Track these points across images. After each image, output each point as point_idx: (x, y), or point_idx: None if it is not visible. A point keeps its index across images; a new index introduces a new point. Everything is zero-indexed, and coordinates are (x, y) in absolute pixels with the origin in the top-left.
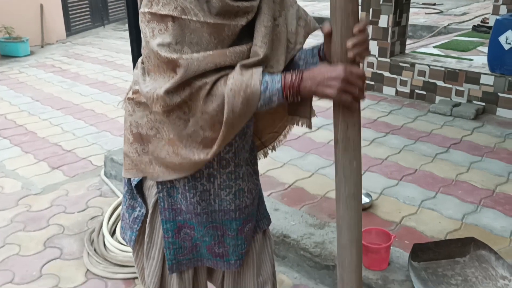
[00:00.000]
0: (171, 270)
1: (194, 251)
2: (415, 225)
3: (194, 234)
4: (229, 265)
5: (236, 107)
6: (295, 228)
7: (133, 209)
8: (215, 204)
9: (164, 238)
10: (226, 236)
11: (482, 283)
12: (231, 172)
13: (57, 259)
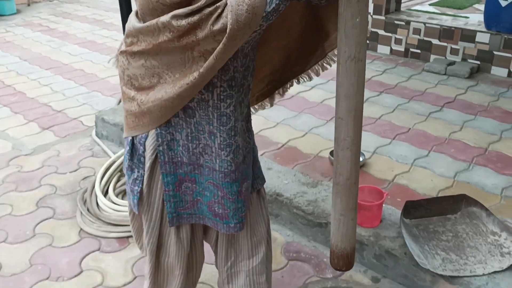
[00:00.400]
0: (171, 223)
1: (195, 206)
2: (408, 183)
3: (195, 187)
4: (229, 228)
5: (241, 16)
6: (288, 186)
7: (132, 171)
8: (215, 163)
9: (165, 191)
10: (227, 199)
11: (473, 239)
12: (231, 128)
13: (50, 218)
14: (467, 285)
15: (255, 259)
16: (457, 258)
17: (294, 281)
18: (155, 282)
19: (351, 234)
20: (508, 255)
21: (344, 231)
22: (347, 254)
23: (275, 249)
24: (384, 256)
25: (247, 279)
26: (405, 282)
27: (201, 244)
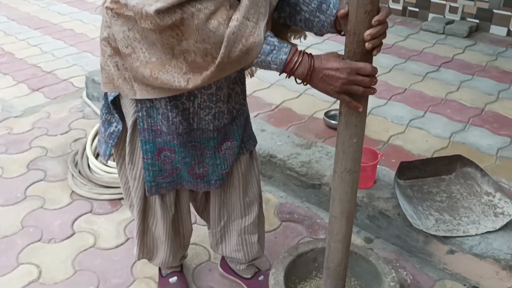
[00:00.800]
0: (149, 192)
1: (174, 174)
2: (403, 144)
3: (175, 157)
4: (209, 185)
5: (233, 53)
6: (281, 148)
7: (109, 124)
8: (193, 122)
9: (143, 159)
10: (205, 155)
11: (467, 199)
12: (212, 94)
13: (41, 181)
14: (459, 245)
15: (247, 218)
16: (450, 219)
17: (287, 242)
18: (143, 245)
19: None
20: (501, 215)
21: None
22: None
23: (268, 211)
24: (378, 217)
25: (239, 238)
26: (398, 243)
27: (187, 210)
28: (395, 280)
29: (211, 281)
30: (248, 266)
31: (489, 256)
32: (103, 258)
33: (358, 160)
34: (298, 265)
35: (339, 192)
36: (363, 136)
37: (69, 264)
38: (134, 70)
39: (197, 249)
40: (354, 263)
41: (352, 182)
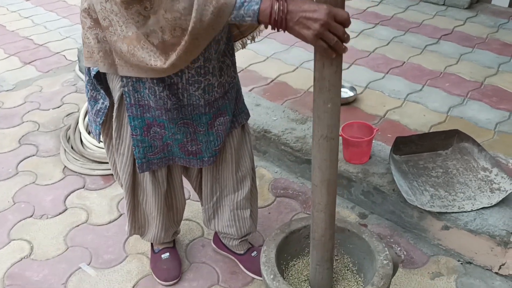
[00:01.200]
0: (140, 169)
1: (165, 150)
2: (399, 118)
3: (164, 132)
4: (202, 162)
5: (205, 16)
6: (276, 123)
7: (96, 101)
8: (183, 98)
9: (132, 135)
10: (198, 132)
11: (463, 175)
12: (200, 67)
13: (33, 156)
14: (454, 221)
15: (240, 193)
16: (445, 194)
17: (280, 217)
18: (135, 221)
19: (326, 282)
20: (497, 191)
21: (319, 279)
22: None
23: (263, 186)
24: (372, 193)
25: (232, 213)
26: (393, 218)
27: (180, 184)
28: (388, 258)
29: (204, 257)
30: (240, 242)
31: (484, 232)
32: (95, 234)
33: (335, 127)
34: (291, 242)
35: (318, 160)
36: (338, 101)
37: (61, 240)
38: (113, 45)
39: (190, 225)
40: (347, 240)
41: (330, 149)
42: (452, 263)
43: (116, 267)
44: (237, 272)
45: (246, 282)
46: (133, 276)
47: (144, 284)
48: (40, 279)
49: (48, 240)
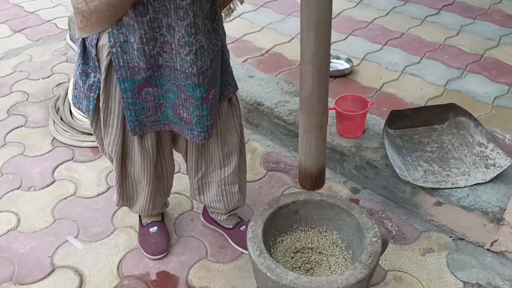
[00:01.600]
0: (133, 131)
1: (158, 112)
2: (396, 91)
3: (157, 91)
4: (193, 135)
5: None
6: (269, 95)
7: (87, 76)
8: (176, 62)
9: (123, 99)
10: (190, 103)
11: (458, 150)
12: (190, 25)
13: (22, 127)
14: (447, 197)
15: (227, 169)
16: (439, 170)
17: (272, 191)
18: (123, 192)
19: (314, 154)
20: (492, 167)
21: (307, 149)
22: (311, 174)
23: (254, 160)
24: (365, 167)
25: (219, 189)
26: (385, 194)
27: (169, 153)
28: (377, 235)
29: (192, 231)
30: (229, 216)
31: (477, 208)
32: (83, 206)
33: None
34: (279, 217)
35: None
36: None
37: (49, 213)
38: None
39: (180, 199)
40: (336, 216)
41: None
42: (443, 239)
43: (104, 240)
44: (226, 246)
45: (234, 256)
46: (121, 249)
47: (131, 258)
48: (27, 251)
49: (35, 212)
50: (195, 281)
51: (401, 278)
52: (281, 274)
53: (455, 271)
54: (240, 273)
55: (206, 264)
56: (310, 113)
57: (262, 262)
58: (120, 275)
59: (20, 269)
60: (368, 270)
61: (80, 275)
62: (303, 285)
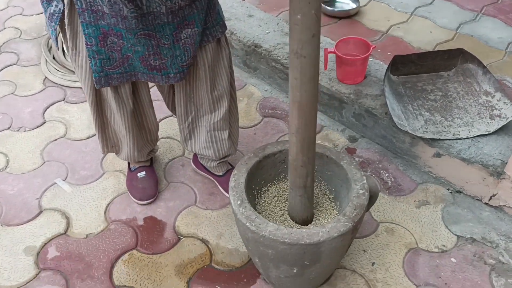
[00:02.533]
0: (98, 83)
1: (125, 63)
2: (403, 34)
3: (123, 43)
4: (168, 78)
5: None
6: (268, 37)
7: (49, 3)
8: (142, 6)
9: (87, 45)
10: (162, 46)
11: (463, 99)
12: None
13: (14, 65)
14: (447, 149)
15: (216, 114)
16: (441, 120)
17: (266, 138)
18: (106, 138)
19: (299, 209)
20: (497, 118)
21: (293, 203)
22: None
23: (250, 105)
24: (364, 115)
25: (208, 135)
26: (383, 143)
27: (148, 101)
28: (364, 188)
29: (182, 176)
30: (219, 164)
31: (477, 161)
32: (73, 149)
33: (307, 43)
34: (265, 166)
35: (290, 78)
36: (310, 14)
37: (38, 154)
38: None
39: (171, 143)
40: (325, 166)
41: (301, 68)
42: (440, 191)
43: (92, 183)
44: (215, 193)
45: (223, 204)
46: (109, 193)
47: (119, 202)
48: (15, 192)
49: (24, 153)
50: (183, 228)
51: (393, 230)
52: (260, 225)
53: (450, 225)
54: (228, 221)
55: (194, 211)
56: (295, 174)
57: (242, 212)
58: (107, 219)
59: (8, 210)
60: (351, 224)
61: (67, 218)
62: (282, 236)
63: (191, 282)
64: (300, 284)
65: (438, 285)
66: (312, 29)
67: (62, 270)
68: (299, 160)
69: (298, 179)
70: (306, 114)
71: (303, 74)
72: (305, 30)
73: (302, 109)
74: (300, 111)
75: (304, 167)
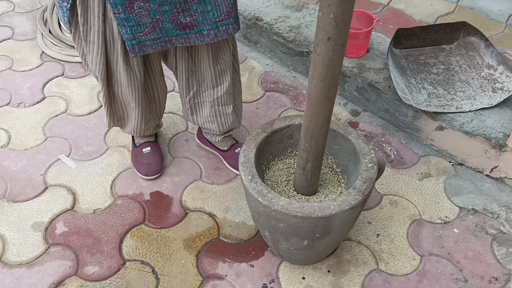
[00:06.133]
0: (133, 52)
1: (156, 28)
2: (404, 7)
3: (150, 6)
4: (202, 36)
5: None
6: (269, 10)
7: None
8: None
9: (115, 14)
10: (190, 2)
11: (465, 72)
12: None
13: (9, 39)
14: (450, 122)
15: (219, 88)
16: (444, 93)
17: (269, 113)
18: (112, 113)
19: (297, 183)
20: (500, 91)
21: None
22: None
23: (252, 79)
24: (367, 89)
25: (212, 109)
26: (386, 117)
27: (159, 73)
28: (373, 161)
29: (187, 151)
30: (224, 138)
31: (479, 134)
32: (75, 124)
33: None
34: (273, 141)
35: None
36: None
37: (40, 130)
38: None
39: (174, 118)
40: (333, 141)
41: (314, 63)
42: (442, 164)
43: (97, 159)
44: (221, 168)
45: (229, 178)
46: (114, 169)
47: (125, 178)
48: (19, 169)
49: (26, 129)
50: (189, 202)
51: (396, 202)
52: (272, 199)
53: (452, 196)
54: (235, 195)
55: (200, 185)
56: (298, 154)
57: (254, 187)
58: (114, 195)
59: (13, 186)
60: (362, 197)
61: (73, 193)
62: (295, 210)
63: (200, 255)
64: (309, 255)
65: (442, 255)
66: (328, 31)
67: (71, 245)
68: (301, 142)
69: (299, 159)
70: (313, 107)
71: (315, 69)
72: (321, 30)
73: (310, 101)
74: (309, 102)
75: (305, 151)
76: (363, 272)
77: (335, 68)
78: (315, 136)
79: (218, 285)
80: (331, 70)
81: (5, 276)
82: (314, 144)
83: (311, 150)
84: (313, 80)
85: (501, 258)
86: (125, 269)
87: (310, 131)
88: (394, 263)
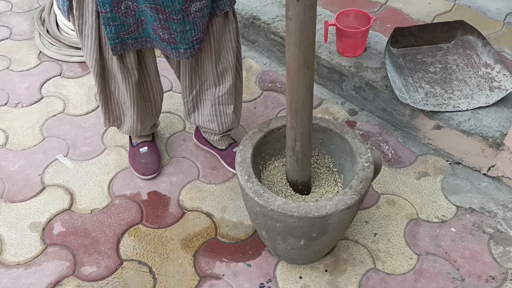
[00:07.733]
0: (114, 50)
1: (140, 28)
2: (402, 6)
3: (137, 6)
4: (178, 53)
5: None
6: (267, 9)
7: None
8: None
9: (102, 13)
10: (171, 20)
11: (463, 71)
12: None
13: (7, 39)
14: (447, 121)
15: (221, 88)
16: (441, 92)
17: (266, 112)
18: (109, 112)
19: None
20: (497, 90)
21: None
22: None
23: (250, 79)
24: (364, 88)
25: (213, 108)
26: (383, 116)
27: (155, 73)
28: (369, 161)
29: (184, 151)
30: (222, 137)
31: (477, 133)
32: (72, 124)
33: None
34: (269, 141)
35: None
36: None
37: (37, 130)
38: None
39: (171, 118)
40: (329, 140)
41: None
42: (440, 163)
43: (94, 159)
44: (218, 167)
45: (227, 177)
46: (111, 169)
47: (122, 177)
48: (16, 169)
49: (23, 129)
50: (187, 202)
51: (394, 201)
52: (269, 199)
53: (449, 195)
54: (232, 194)
55: (198, 185)
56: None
57: (250, 187)
58: (111, 195)
59: (10, 186)
60: (358, 196)
61: (71, 193)
62: (291, 210)
63: (197, 255)
64: (306, 255)
65: (439, 254)
66: None
67: (69, 245)
68: (288, 121)
69: (288, 140)
70: (293, 77)
71: (289, 36)
72: None
73: (290, 72)
74: (288, 73)
75: (292, 129)
76: (360, 272)
77: (308, 31)
78: (299, 109)
79: (215, 284)
80: (304, 34)
81: (2, 276)
82: (299, 119)
83: (298, 126)
84: (289, 47)
85: (498, 257)
86: (122, 269)
87: (294, 104)
88: (391, 262)
